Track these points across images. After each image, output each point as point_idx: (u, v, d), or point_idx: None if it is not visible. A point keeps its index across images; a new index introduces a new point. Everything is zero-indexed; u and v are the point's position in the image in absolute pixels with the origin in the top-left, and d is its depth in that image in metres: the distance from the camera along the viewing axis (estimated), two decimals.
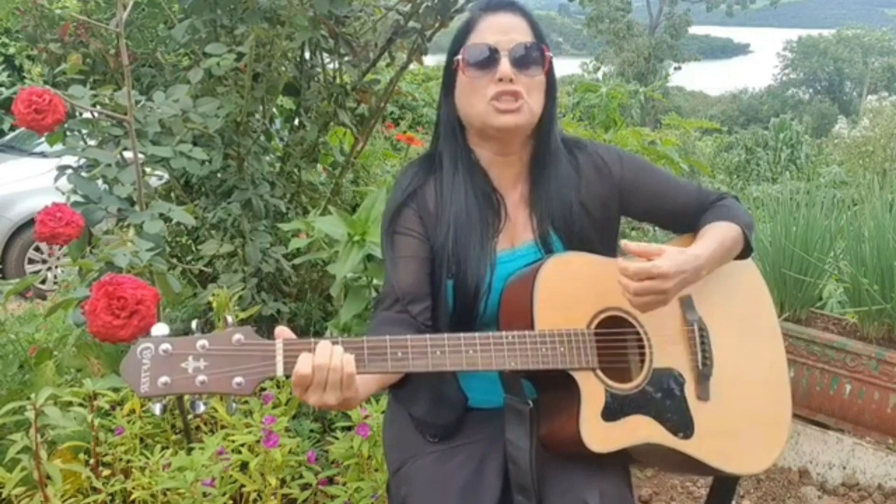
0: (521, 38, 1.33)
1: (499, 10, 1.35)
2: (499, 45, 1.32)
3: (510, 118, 1.33)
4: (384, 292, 1.38)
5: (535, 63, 1.34)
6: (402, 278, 1.35)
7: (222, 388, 1.07)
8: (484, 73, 1.32)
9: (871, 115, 16.04)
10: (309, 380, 1.09)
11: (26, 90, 1.81)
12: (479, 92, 1.33)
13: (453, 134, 1.41)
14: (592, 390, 1.25)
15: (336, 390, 1.10)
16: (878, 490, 2.43)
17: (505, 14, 1.35)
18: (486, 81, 1.32)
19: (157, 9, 2.75)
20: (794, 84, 47.91)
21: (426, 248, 1.38)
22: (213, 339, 1.08)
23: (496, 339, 1.20)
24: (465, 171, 1.40)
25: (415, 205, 1.40)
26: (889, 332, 2.63)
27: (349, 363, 1.10)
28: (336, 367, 1.09)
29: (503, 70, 1.31)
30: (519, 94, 1.32)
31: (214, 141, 2.39)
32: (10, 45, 8.89)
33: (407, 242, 1.38)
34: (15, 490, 1.73)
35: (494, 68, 1.31)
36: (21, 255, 5.53)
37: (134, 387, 1.05)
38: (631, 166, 1.45)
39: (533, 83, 1.34)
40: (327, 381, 1.09)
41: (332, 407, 1.12)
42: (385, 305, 1.35)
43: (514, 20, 1.35)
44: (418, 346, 1.16)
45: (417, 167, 1.45)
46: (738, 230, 1.39)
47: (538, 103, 1.36)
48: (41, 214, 1.81)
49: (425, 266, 1.37)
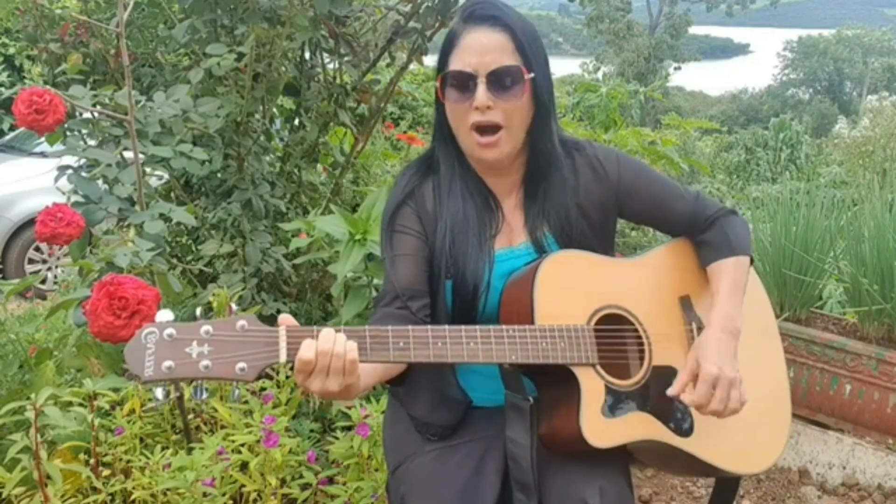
0: (499, 59, 1.30)
1: (480, 25, 1.32)
2: (477, 70, 1.30)
3: (490, 153, 1.34)
4: (384, 289, 1.38)
5: (513, 86, 1.31)
6: (402, 275, 1.36)
7: (226, 374, 1.07)
8: (463, 99, 1.31)
9: (871, 115, 16.04)
10: (312, 365, 1.09)
11: (27, 90, 1.82)
12: (461, 118, 1.34)
13: (448, 140, 1.41)
14: (592, 386, 1.25)
15: (338, 376, 1.10)
16: (877, 490, 2.43)
17: (486, 30, 1.31)
18: (466, 108, 1.32)
19: (157, 9, 2.75)
20: (794, 84, 47.90)
21: (425, 246, 1.39)
22: (218, 325, 1.08)
23: (497, 332, 1.21)
24: (462, 174, 1.41)
25: (413, 204, 1.41)
26: (889, 332, 2.63)
27: (352, 349, 1.11)
28: (339, 353, 1.09)
29: (479, 99, 1.29)
30: (497, 125, 1.31)
31: (215, 141, 2.40)
32: (10, 45, 8.89)
33: (406, 240, 1.39)
34: (15, 490, 1.73)
35: (471, 96, 1.30)
36: (21, 255, 5.53)
37: (138, 371, 1.05)
38: (629, 169, 1.45)
39: (513, 107, 1.32)
40: (330, 367, 1.10)
41: (333, 395, 1.12)
42: (385, 302, 1.36)
43: (495, 37, 1.31)
44: (420, 337, 1.17)
45: (416, 167, 1.46)
46: (744, 262, 1.41)
47: (520, 126, 1.35)
48: (42, 214, 1.81)
49: (424, 264, 1.38)
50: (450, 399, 1.42)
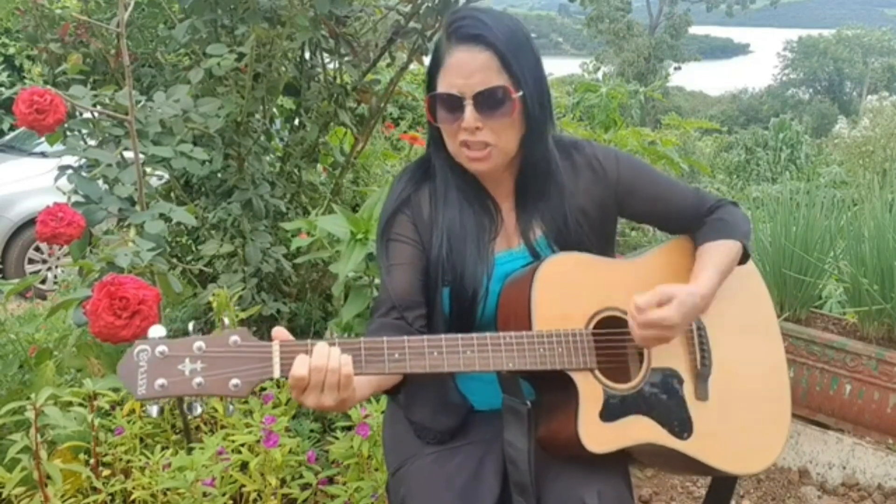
0: (486, 80, 1.28)
1: (465, 43, 1.29)
2: (463, 92, 1.28)
3: (479, 165, 1.34)
4: (380, 299, 1.38)
5: (500, 105, 1.29)
6: (397, 285, 1.35)
7: (219, 391, 1.07)
8: (452, 119, 1.31)
9: (871, 115, 16.01)
10: (305, 382, 1.08)
11: (28, 90, 1.82)
12: (451, 136, 1.34)
13: (443, 148, 1.40)
14: (591, 391, 1.25)
15: (334, 391, 1.10)
16: (877, 490, 2.43)
17: (470, 50, 1.28)
18: (455, 128, 1.31)
19: (157, 9, 2.75)
20: (794, 84, 47.88)
21: (421, 254, 1.38)
22: (210, 342, 1.08)
23: (494, 340, 1.20)
24: (458, 181, 1.40)
25: (409, 211, 1.40)
26: (889, 332, 2.63)
27: (347, 364, 1.10)
28: (333, 368, 1.09)
29: (467, 121, 1.29)
30: (486, 143, 1.31)
31: (215, 141, 2.39)
32: (10, 45, 8.88)
33: (401, 249, 1.38)
34: (15, 490, 1.74)
35: (461, 116, 1.29)
36: (21, 255, 5.54)
37: (131, 389, 1.05)
38: (628, 168, 1.44)
39: (501, 125, 1.31)
40: (325, 382, 1.09)
41: (329, 408, 1.12)
42: (381, 312, 1.35)
43: (479, 57, 1.28)
44: (416, 347, 1.16)
45: (411, 173, 1.45)
46: (736, 246, 1.39)
47: (510, 142, 1.34)
48: (42, 214, 1.81)
49: (420, 273, 1.37)
50: (450, 404, 1.41)
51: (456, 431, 1.40)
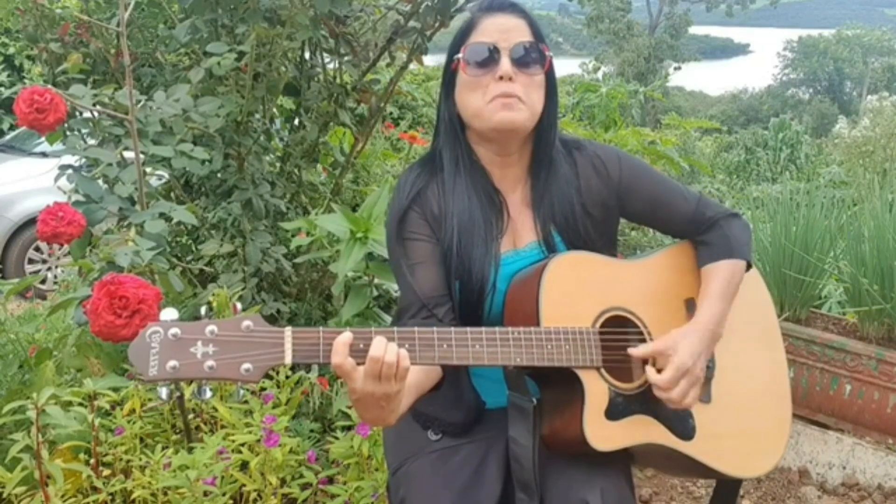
0: (521, 37, 1.34)
1: (499, 12, 1.36)
2: (499, 44, 1.32)
3: (508, 115, 1.32)
4: (407, 301, 1.36)
5: (535, 62, 1.34)
6: (423, 283, 1.34)
7: (230, 374, 1.06)
8: (485, 71, 1.33)
9: (871, 115, 16.00)
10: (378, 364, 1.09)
11: (28, 89, 1.82)
12: (479, 90, 1.34)
13: (454, 133, 1.40)
14: (596, 389, 1.25)
15: (390, 381, 1.10)
16: (877, 490, 2.43)
17: (505, 15, 1.35)
18: (487, 80, 1.32)
19: (157, 9, 2.75)
20: (794, 84, 47.87)
21: (438, 249, 1.37)
22: (223, 325, 1.07)
23: (502, 335, 1.20)
24: (467, 171, 1.40)
25: (419, 208, 1.39)
26: (889, 332, 2.63)
27: (404, 357, 1.11)
28: (391, 361, 1.10)
29: (504, 68, 1.31)
30: (518, 97, 1.32)
31: (215, 141, 2.39)
32: (10, 45, 8.89)
33: (419, 247, 1.37)
34: (16, 490, 1.74)
35: (495, 67, 1.32)
36: (21, 255, 5.54)
37: (142, 370, 1.04)
38: (630, 168, 1.44)
39: (533, 82, 1.34)
40: (381, 372, 1.10)
41: (377, 405, 1.13)
42: (411, 314, 1.34)
43: (514, 21, 1.35)
44: (425, 339, 1.16)
45: (418, 170, 1.44)
46: (740, 266, 1.40)
47: (538, 102, 1.36)
48: (43, 214, 1.81)
49: (441, 268, 1.36)
50: (465, 400, 1.40)
51: (468, 427, 1.39)
